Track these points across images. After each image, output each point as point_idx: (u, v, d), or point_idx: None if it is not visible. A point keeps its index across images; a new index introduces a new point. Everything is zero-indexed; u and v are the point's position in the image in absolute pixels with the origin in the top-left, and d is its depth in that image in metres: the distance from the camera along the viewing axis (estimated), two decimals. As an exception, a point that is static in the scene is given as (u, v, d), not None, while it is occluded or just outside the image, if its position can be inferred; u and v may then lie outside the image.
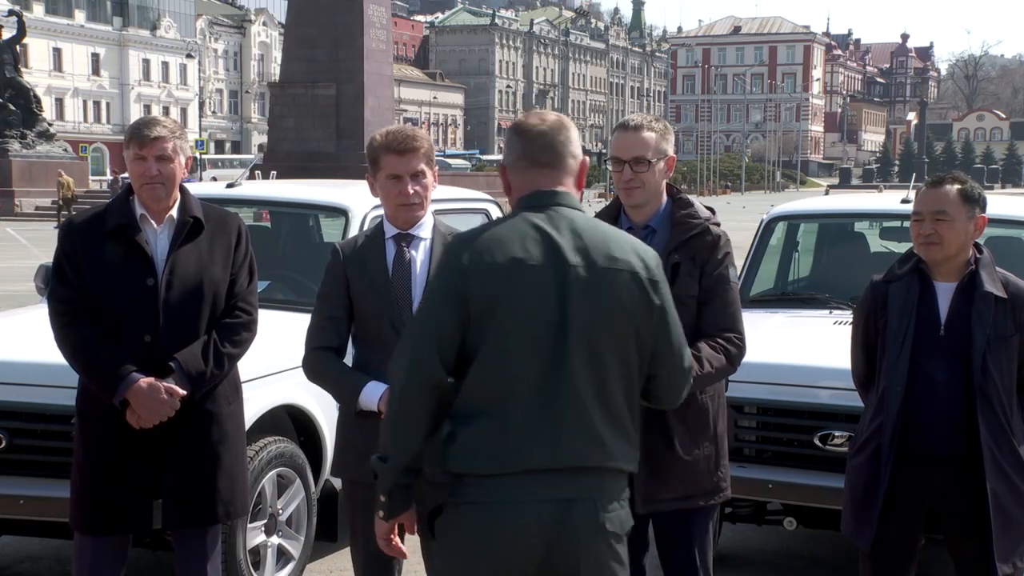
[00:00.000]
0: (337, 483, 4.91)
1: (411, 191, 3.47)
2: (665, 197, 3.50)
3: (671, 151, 3.46)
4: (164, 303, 3.74)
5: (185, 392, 3.72)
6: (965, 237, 3.56)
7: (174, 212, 3.84)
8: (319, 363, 3.54)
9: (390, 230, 3.57)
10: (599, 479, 2.58)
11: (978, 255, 3.61)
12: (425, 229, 3.57)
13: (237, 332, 3.87)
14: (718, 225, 3.51)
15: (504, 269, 2.54)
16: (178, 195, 3.86)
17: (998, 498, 3.49)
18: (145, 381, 3.69)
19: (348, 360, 3.63)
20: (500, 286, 2.54)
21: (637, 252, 2.66)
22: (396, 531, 2.82)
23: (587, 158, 2.77)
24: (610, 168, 3.56)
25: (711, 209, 3.57)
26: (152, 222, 3.81)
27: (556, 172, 2.68)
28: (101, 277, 3.75)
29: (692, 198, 3.57)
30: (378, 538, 2.80)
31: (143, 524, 3.84)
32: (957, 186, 3.57)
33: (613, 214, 3.53)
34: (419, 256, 3.54)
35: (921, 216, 3.57)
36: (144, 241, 3.77)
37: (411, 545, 3.71)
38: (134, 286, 3.74)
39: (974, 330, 3.51)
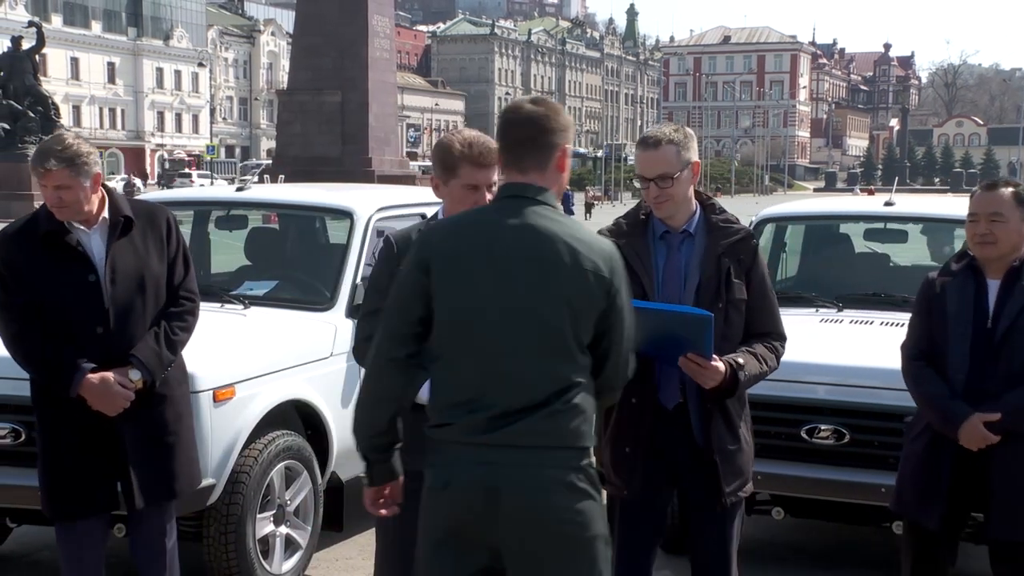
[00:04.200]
0: (343, 475, 5.10)
1: (487, 200, 3.38)
2: (695, 202, 3.46)
3: (694, 157, 3.40)
4: (112, 297, 3.75)
5: (140, 382, 3.76)
6: (1018, 237, 3.62)
7: (105, 213, 3.84)
8: None
9: None
10: None
11: None
12: None
13: (184, 319, 3.91)
14: None
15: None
16: (105, 197, 3.86)
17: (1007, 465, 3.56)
18: (96, 376, 3.70)
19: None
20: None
21: None
22: None
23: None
24: (637, 185, 3.54)
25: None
26: (81, 227, 3.81)
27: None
28: (44, 278, 3.76)
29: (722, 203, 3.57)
30: None
31: (110, 504, 3.84)
32: (1011, 189, 3.64)
33: (642, 219, 3.50)
34: None
35: (977, 217, 3.63)
36: (77, 243, 3.78)
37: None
38: (77, 283, 3.75)
39: (1012, 317, 3.60)
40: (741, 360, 3.32)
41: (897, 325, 4.78)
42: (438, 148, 3.51)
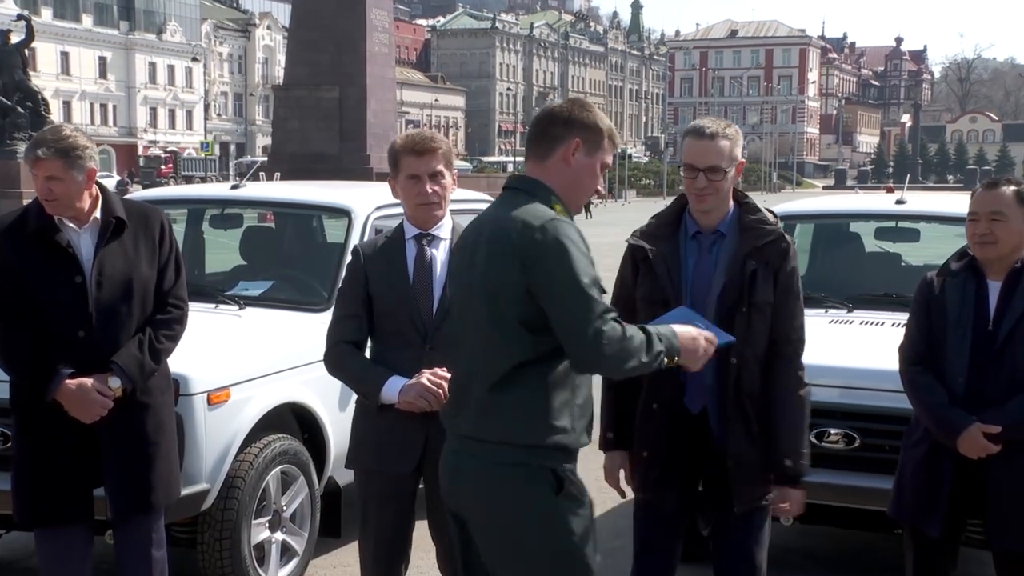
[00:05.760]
0: (341, 480, 5.04)
1: (429, 190, 3.53)
2: (732, 202, 3.43)
3: (741, 156, 3.41)
4: (96, 300, 3.67)
5: (120, 390, 3.68)
6: (1019, 237, 3.57)
7: (97, 213, 3.76)
8: (341, 357, 3.60)
9: (410, 230, 3.62)
10: None
11: None
12: (444, 229, 3.62)
13: (170, 327, 3.83)
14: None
15: None
16: (98, 195, 3.78)
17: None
18: (74, 382, 3.61)
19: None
20: None
21: None
22: None
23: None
24: (682, 174, 3.43)
25: (772, 212, 3.53)
26: (72, 224, 3.74)
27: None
28: (30, 276, 3.68)
29: (757, 202, 3.50)
30: None
31: (85, 513, 3.77)
32: (1013, 188, 3.59)
33: (675, 217, 3.48)
34: (439, 255, 3.59)
35: (977, 216, 3.58)
36: (65, 242, 3.70)
37: (418, 540, 3.74)
38: (62, 283, 3.67)
39: (1014, 320, 3.54)
40: (788, 463, 3.38)
41: (909, 326, 4.83)
42: (388, 151, 3.68)
